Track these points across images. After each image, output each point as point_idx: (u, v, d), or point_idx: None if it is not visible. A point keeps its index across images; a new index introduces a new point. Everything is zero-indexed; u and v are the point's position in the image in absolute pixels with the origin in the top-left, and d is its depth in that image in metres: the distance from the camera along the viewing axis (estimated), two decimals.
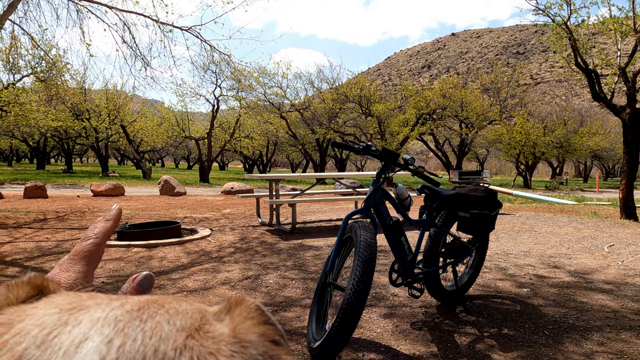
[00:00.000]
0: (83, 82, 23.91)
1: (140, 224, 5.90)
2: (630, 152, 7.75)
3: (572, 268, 4.31)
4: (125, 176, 23.66)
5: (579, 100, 41.69)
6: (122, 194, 12.44)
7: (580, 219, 8.04)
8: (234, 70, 12.35)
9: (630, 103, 7.72)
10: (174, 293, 3.46)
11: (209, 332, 0.22)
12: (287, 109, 24.57)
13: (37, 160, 30.05)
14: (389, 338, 2.62)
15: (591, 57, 8.36)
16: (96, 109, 24.18)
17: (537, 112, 26.77)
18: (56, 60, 13.40)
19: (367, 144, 2.69)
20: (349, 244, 2.57)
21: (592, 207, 10.31)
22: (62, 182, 17.69)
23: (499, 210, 3.14)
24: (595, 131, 25.91)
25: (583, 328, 2.79)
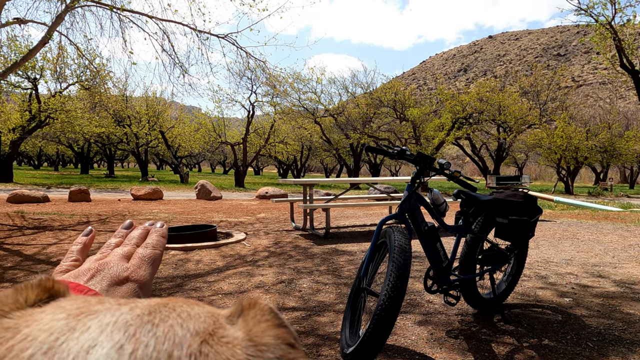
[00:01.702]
0: (124, 90, 24.79)
1: (177, 227, 6.03)
2: None
3: (617, 277, 4.13)
4: (164, 180, 24.30)
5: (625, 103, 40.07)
6: (161, 198, 12.77)
7: (626, 226, 7.69)
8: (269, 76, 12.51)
9: None
10: (210, 296, 3.52)
11: (224, 337, 0.21)
12: (321, 114, 24.69)
13: (81, 165, 31.29)
14: (423, 346, 2.58)
15: (638, 58, 8.02)
16: (137, 115, 25.01)
17: (579, 115, 25.90)
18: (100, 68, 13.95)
19: (401, 148, 2.67)
20: (383, 249, 2.55)
21: (639, 215, 9.85)
22: (104, 187, 18.33)
23: (539, 217, 3.05)
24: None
25: (630, 341, 2.66)
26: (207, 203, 11.82)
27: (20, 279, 3.93)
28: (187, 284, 3.86)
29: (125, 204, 10.91)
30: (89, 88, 15.69)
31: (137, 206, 10.47)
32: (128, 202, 11.49)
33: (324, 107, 24.09)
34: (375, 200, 11.00)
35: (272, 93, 21.64)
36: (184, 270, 4.30)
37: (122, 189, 17.35)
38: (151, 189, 12.63)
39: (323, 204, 6.44)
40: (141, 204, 11.02)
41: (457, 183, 2.74)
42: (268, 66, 9.38)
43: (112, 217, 8.26)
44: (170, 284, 3.85)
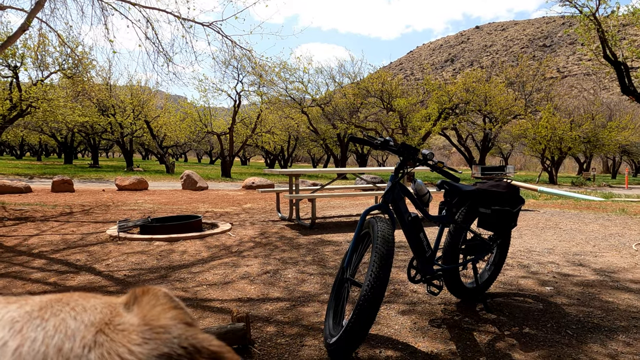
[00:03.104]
0: (108, 79, 24.39)
1: (162, 217, 5.99)
2: None
3: (597, 266, 4.20)
4: (149, 171, 24.07)
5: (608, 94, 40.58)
6: (146, 189, 12.64)
7: (607, 215, 7.83)
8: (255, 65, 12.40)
9: None
10: (194, 287, 3.50)
11: (120, 325, 0.21)
12: (309, 104, 24.58)
13: (65, 155, 30.83)
14: (406, 335, 2.60)
15: (621, 49, 8.10)
16: (121, 104, 24.65)
17: (563, 106, 26.15)
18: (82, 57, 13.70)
19: (385, 138, 2.66)
20: (366, 239, 2.55)
21: (620, 204, 10.03)
22: (88, 177, 18.10)
23: (522, 207, 3.08)
24: (624, 125, 25.15)
25: (608, 328, 2.71)
26: (193, 193, 11.73)
27: (1, 271, 3.87)
28: (171, 275, 3.83)
29: (109, 195, 10.79)
30: (72, 77, 15.39)
31: (121, 196, 10.36)
32: (112, 193, 11.36)
33: (311, 97, 23.98)
34: (362, 191, 11.02)
35: (259, 82, 21.48)
36: (168, 261, 4.27)
37: (106, 179, 17.15)
38: (136, 179, 12.50)
39: (309, 194, 6.43)
40: (126, 195, 10.90)
41: (441, 173, 2.75)
42: (254, 55, 9.28)
43: (95, 207, 8.16)
44: (154, 275, 3.82)
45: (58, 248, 4.78)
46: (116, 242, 5.08)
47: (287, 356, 2.31)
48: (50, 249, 4.74)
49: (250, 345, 2.40)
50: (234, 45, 8.22)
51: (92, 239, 5.28)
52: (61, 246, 4.87)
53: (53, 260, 4.25)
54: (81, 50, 13.58)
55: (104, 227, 6.05)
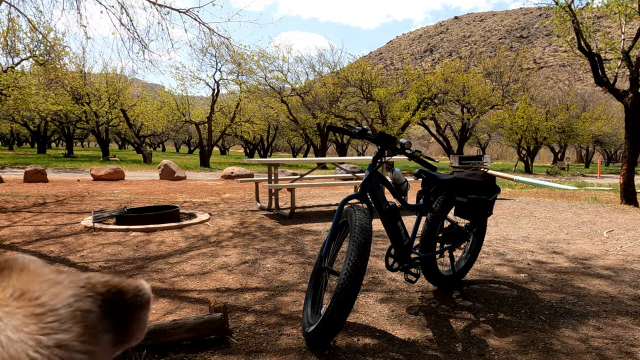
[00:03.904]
0: (82, 66, 23.78)
1: (139, 208, 5.89)
2: (631, 138, 7.69)
3: (570, 253, 4.30)
4: (126, 160, 23.66)
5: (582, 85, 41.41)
6: (122, 179, 12.43)
7: (580, 204, 8.01)
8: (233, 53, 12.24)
9: (633, 88, 7.63)
10: (172, 277, 3.46)
11: None
12: (288, 93, 24.43)
13: (38, 144, 30.04)
14: (384, 323, 2.62)
15: (595, 41, 8.24)
16: (96, 92, 24.08)
17: (539, 96, 26.57)
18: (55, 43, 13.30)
19: (363, 127, 2.66)
20: (344, 228, 2.55)
21: (592, 193, 10.28)
22: (62, 167, 17.69)
23: (497, 195, 3.12)
24: (597, 116, 25.73)
25: (580, 313, 2.79)
26: (170, 183, 11.59)
27: None
28: (149, 265, 3.78)
29: (84, 185, 10.57)
30: (44, 63, 14.94)
31: (97, 187, 10.16)
32: (88, 183, 11.13)
33: (291, 86, 23.82)
34: (342, 180, 11.04)
35: (238, 71, 21.24)
36: (145, 252, 4.22)
37: (81, 169, 16.79)
38: (112, 169, 12.27)
39: (288, 184, 6.41)
40: (102, 185, 10.70)
41: (418, 162, 2.76)
42: (232, 43, 9.14)
43: (70, 198, 7.99)
44: (130, 266, 3.77)
45: (31, 239, 4.66)
46: (91, 233, 4.98)
47: (265, 345, 2.31)
48: (22, 240, 4.62)
49: (228, 335, 2.39)
50: (212, 32, 8.08)
51: (66, 230, 5.17)
52: (34, 237, 4.76)
53: (25, 252, 4.15)
54: (53, 37, 13.18)
55: (79, 217, 5.93)
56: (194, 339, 2.31)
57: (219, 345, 2.30)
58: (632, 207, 7.60)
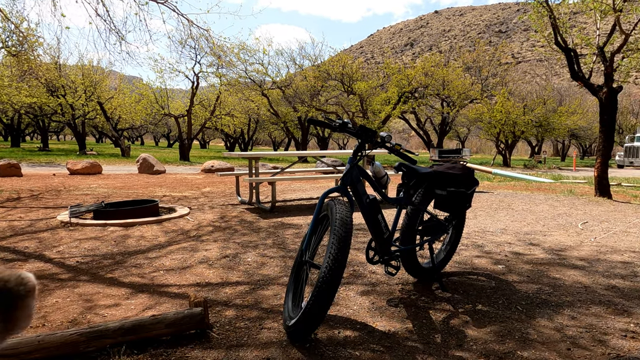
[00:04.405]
0: (57, 57, 23.23)
1: (117, 202, 5.80)
2: (605, 131, 7.87)
3: (546, 245, 4.40)
4: (104, 154, 23.25)
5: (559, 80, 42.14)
6: (100, 173, 12.22)
7: (556, 196, 8.18)
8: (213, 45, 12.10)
9: (607, 82, 7.80)
10: (151, 272, 3.42)
11: None
12: (269, 86, 24.29)
13: (12, 138, 29.27)
14: (365, 315, 2.64)
15: (571, 36, 8.39)
16: (72, 85, 23.54)
17: (517, 91, 26.98)
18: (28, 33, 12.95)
19: (343, 121, 2.66)
20: (325, 222, 2.56)
21: (568, 185, 10.51)
22: (37, 160, 17.29)
23: (476, 188, 3.16)
24: (573, 110, 26.27)
25: (555, 303, 2.85)
26: (149, 177, 11.43)
27: None
28: (127, 260, 3.73)
29: (60, 179, 10.35)
30: (17, 54, 14.53)
31: (73, 181, 9.96)
32: (64, 177, 10.91)
33: (272, 79, 23.67)
34: (323, 174, 11.05)
35: (217, 64, 21.01)
36: (124, 247, 4.16)
37: (57, 163, 16.44)
38: (89, 163, 12.04)
39: (269, 178, 6.39)
40: (78, 179, 10.50)
41: (398, 156, 2.78)
42: (212, 35, 9.04)
43: (45, 192, 7.82)
44: (109, 261, 3.71)
45: (4, 235, 4.55)
46: (68, 228, 4.89)
47: (246, 339, 2.30)
48: None
49: (209, 330, 2.38)
50: (191, 24, 7.97)
51: (41, 225, 5.06)
52: (8, 233, 4.64)
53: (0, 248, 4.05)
54: (26, 27, 12.83)
55: (55, 212, 5.81)
56: (174, 334, 2.29)
57: (199, 340, 2.28)
58: (605, 199, 7.80)
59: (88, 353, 2.12)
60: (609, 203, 7.42)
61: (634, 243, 4.53)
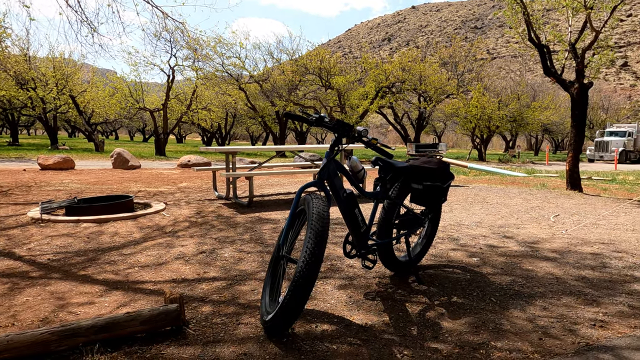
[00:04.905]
0: (27, 49, 22.56)
1: (90, 198, 5.68)
2: (577, 126, 8.06)
3: (520, 238, 4.49)
4: (76, 149, 22.73)
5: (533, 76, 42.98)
6: (72, 168, 11.94)
7: (529, 190, 8.35)
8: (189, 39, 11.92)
9: (578, 78, 7.98)
10: (126, 269, 3.37)
11: None
12: (246, 80, 24.09)
13: None
14: (342, 309, 2.65)
15: (544, 33, 8.55)
16: (42, 77, 22.89)
17: (492, 86, 27.37)
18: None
19: (320, 115, 2.65)
20: (302, 216, 2.55)
21: (541, 179, 10.74)
22: (6, 155, 16.79)
23: (451, 182, 3.20)
24: (546, 106, 26.82)
25: (528, 294, 2.91)
26: (124, 172, 11.23)
27: None
28: (101, 257, 3.66)
29: (31, 174, 10.08)
30: None
31: (45, 176, 9.71)
32: (35, 172, 10.62)
33: (249, 73, 23.47)
34: (301, 168, 11.03)
35: (193, 57, 20.71)
36: (97, 244, 4.08)
37: (28, 158, 15.98)
38: (61, 158, 11.75)
39: (246, 172, 6.34)
40: (50, 174, 10.24)
41: (375, 150, 2.79)
42: (187, 28, 8.90)
43: (15, 188, 7.60)
44: (82, 258, 3.64)
45: None
46: (39, 225, 4.77)
47: (223, 335, 2.29)
48: None
49: (185, 326, 2.35)
50: (165, 16, 7.82)
51: (11, 222, 4.92)
52: None
53: None
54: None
55: (25, 209, 5.65)
56: (149, 331, 2.26)
57: (175, 337, 2.26)
58: (576, 193, 8.00)
59: (60, 352, 2.07)
60: (580, 196, 7.62)
61: (603, 235, 4.66)
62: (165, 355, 2.08)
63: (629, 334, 2.36)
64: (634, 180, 11.55)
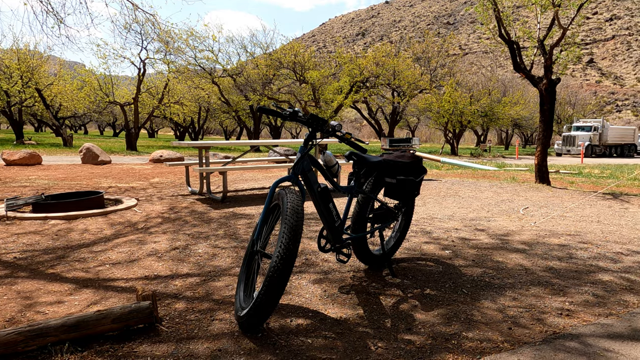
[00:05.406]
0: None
1: (58, 194, 5.53)
2: (545, 121, 8.27)
3: (491, 230, 4.58)
4: (44, 144, 22.07)
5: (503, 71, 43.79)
6: (39, 163, 11.59)
7: (500, 183, 8.54)
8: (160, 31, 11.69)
9: (547, 74, 8.17)
10: (96, 266, 3.30)
11: None
12: (219, 74, 23.78)
13: None
14: (317, 303, 2.66)
15: (514, 29, 8.71)
16: (6, 70, 22.09)
17: (464, 81, 27.78)
18: None
19: (294, 109, 2.64)
20: (276, 211, 2.55)
21: (511, 173, 10.99)
22: None
23: (424, 176, 3.24)
24: (516, 101, 27.38)
25: (498, 285, 2.98)
26: (94, 168, 10.97)
27: None
28: (70, 255, 3.58)
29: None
30: None
31: (10, 172, 9.40)
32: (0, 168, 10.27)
33: (222, 67, 23.17)
34: (275, 163, 10.99)
35: (165, 50, 20.32)
36: (67, 241, 3.98)
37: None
38: (27, 153, 11.39)
39: (220, 167, 6.28)
40: (15, 170, 9.92)
41: (349, 145, 2.80)
42: (159, 20, 8.72)
43: None
44: (50, 256, 3.54)
45: None
46: (4, 222, 4.62)
47: (197, 332, 2.27)
48: None
49: (158, 324, 2.32)
50: (136, 8, 7.64)
51: None
52: None
53: None
54: None
55: None
56: (121, 330, 2.22)
57: (147, 335, 2.23)
58: (544, 186, 8.22)
59: (27, 352, 2.02)
60: (548, 189, 7.83)
61: (570, 227, 4.80)
62: (138, 353, 2.05)
63: (594, 322, 2.45)
64: (599, 174, 11.94)
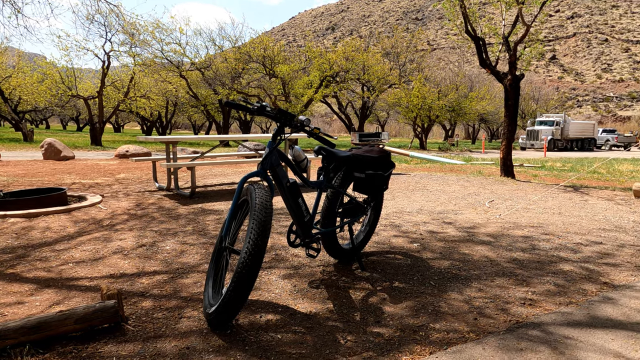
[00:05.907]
0: None
1: (18, 191, 5.33)
2: (510, 116, 8.47)
3: (458, 223, 4.68)
4: (2, 139, 21.23)
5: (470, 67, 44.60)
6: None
7: (466, 177, 8.71)
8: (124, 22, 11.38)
9: (511, 70, 8.37)
10: (59, 265, 3.20)
11: None
12: (187, 67, 23.38)
13: None
14: (286, 298, 2.66)
15: (480, 26, 8.88)
16: None
17: (432, 77, 28.17)
18: None
19: (262, 104, 2.62)
20: (245, 207, 2.52)
21: (477, 167, 11.23)
22: None
23: (393, 171, 3.27)
24: (482, 96, 27.99)
25: (465, 277, 3.05)
26: (56, 164, 10.62)
27: None
28: (31, 254, 3.46)
29: None
30: None
31: None
32: None
33: (190, 60, 22.78)
34: (245, 158, 10.90)
35: (130, 42, 19.81)
36: (27, 240, 3.84)
37: None
38: None
39: (188, 163, 6.18)
40: None
41: (317, 139, 2.80)
42: (123, 12, 8.49)
43: None
44: (9, 255, 3.41)
45: None
46: None
47: (164, 330, 2.23)
48: None
49: (124, 323, 2.27)
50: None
51: None
52: None
53: None
54: None
55: None
56: (85, 330, 2.17)
57: (113, 334, 2.18)
58: (509, 179, 8.43)
59: None
60: (513, 182, 8.04)
61: (533, 219, 4.95)
62: (103, 353, 2.01)
63: (555, 310, 2.54)
64: (561, 167, 12.35)
